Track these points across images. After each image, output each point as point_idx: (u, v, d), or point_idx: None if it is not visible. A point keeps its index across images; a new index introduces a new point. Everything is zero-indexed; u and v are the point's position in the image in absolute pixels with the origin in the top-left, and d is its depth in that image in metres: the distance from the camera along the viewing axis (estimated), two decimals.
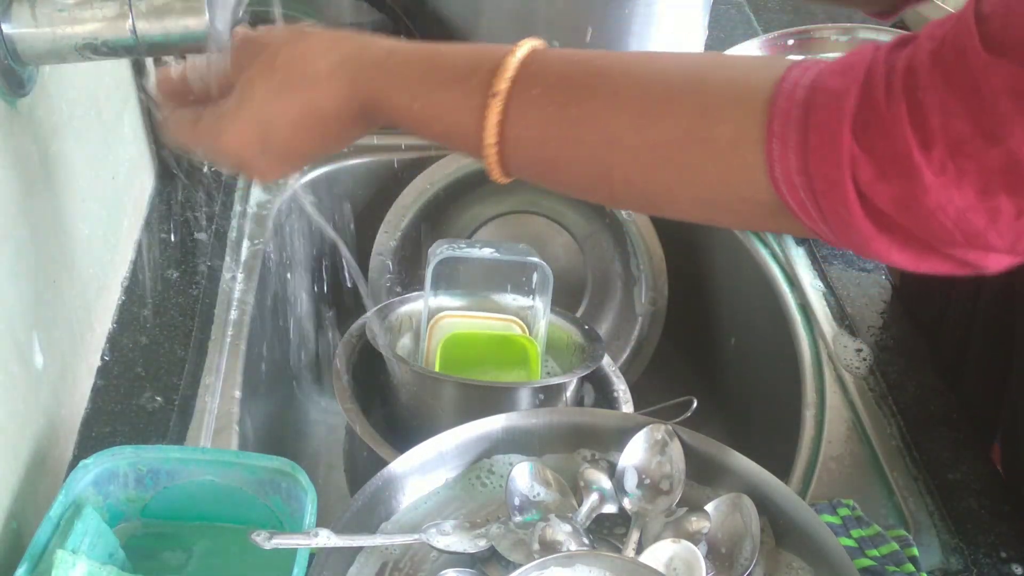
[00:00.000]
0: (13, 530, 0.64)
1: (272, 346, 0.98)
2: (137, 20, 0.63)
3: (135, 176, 0.97)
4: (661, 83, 0.50)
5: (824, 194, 0.44)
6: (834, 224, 0.45)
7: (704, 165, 0.48)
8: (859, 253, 0.47)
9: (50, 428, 0.71)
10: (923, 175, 0.41)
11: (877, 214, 0.43)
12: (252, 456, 0.67)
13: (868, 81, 0.43)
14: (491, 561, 0.64)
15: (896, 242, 0.44)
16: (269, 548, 0.57)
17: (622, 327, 1.15)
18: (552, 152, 0.53)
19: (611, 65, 0.52)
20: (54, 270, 0.73)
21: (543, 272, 0.93)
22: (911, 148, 0.41)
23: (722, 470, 0.68)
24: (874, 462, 0.80)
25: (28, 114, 0.69)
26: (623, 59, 0.53)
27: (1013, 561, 0.71)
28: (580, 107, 0.51)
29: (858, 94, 0.43)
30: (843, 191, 0.43)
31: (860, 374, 0.87)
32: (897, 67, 0.42)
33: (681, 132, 0.48)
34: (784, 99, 0.44)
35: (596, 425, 0.72)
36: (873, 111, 0.42)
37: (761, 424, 1.02)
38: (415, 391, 0.85)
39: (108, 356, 0.83)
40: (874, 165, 0.42)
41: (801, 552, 0.64)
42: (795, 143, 0.44)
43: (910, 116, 0.41)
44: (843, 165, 0.42)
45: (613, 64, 0.52)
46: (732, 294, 1.12)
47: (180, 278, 0.92)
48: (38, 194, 0.71)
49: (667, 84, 0.49)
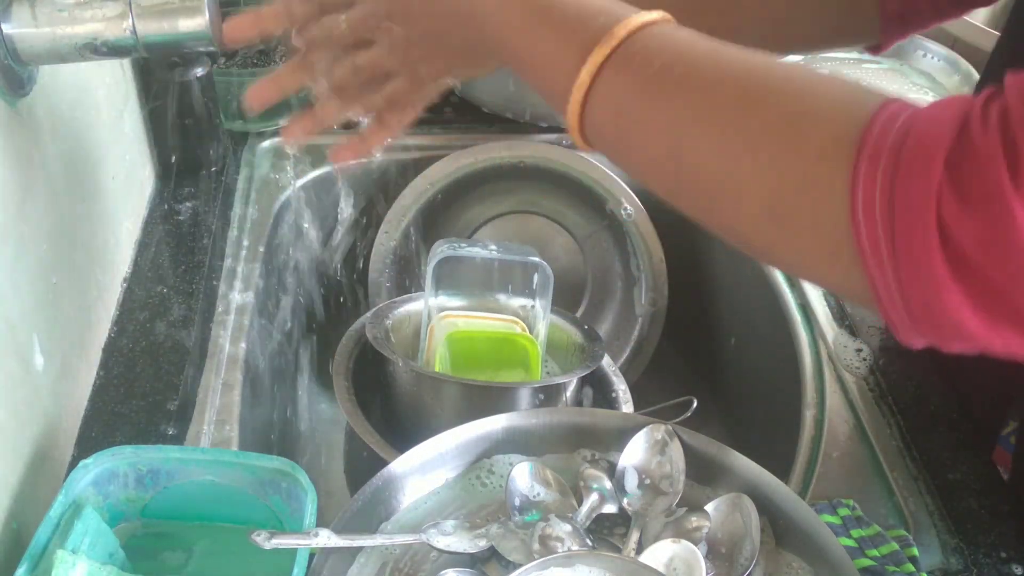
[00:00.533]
0: (13, 530, 0.64)
1: (272, 346, 0.98)
2: (137, 20, 0.63)
3: (135, 176, 0.97)
4: (757, 86, 0.48)
5: (903, 223, 0.41)
6: (905, 267, 0.41)
7: (784, 167, 0.45)
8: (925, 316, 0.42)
9: (50, 428, 0.71)
10: (1013, 209, 0.39)
11: (957, 255, 0.41)
12: (252, 456, 0.67)
13: (966, 117, 0.41)
14: (491, 561, 0.64)
15: (971, 295, 0.41)
16: (269, 548, 0.57)
17: (622, 327, 1.15)
18: (629, 130, 0.51)
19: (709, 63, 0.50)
20: (54, 270, 0.73)
21: (543, 272, 0.93)
22: (1003, 181, 0.39)
23: (722, 470, 0.68)
24: (874, 462, 0.80)
25: (28, 114, 0.69)
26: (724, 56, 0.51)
27: (1013, 561, 0.71)
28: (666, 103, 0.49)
29: (956, 128, 0.41)
30: (925, 222, 0.40)
31: (860, 374, 0.87)
32: (993, 106, 0.41)
33: (767, 132, 0.46)
34: (882, 124, 0.43)
35: (596, 425, 0.72)
36: (968, 145, 0.40)
37: (761, 424, 1.02)
38: (415, 391, 0.85)
39: (108, 356, 0.83)
40: (962, 198, 0.40)
41: (801, 552, 0.64)
42: (885, 166, 0.42)
43: (1004, 150, 0.39)
44: (931, 193, 0.40)
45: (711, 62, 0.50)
46: (732, 294, 1.12)
47: (180, 278, 0.92)
48: (38, 194, 0.71)
49: (763, 88, 0.47)
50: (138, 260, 0.93)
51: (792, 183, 0.45)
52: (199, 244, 0.96)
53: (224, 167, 1.07)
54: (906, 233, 0.41)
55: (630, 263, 1.12)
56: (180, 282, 0.92)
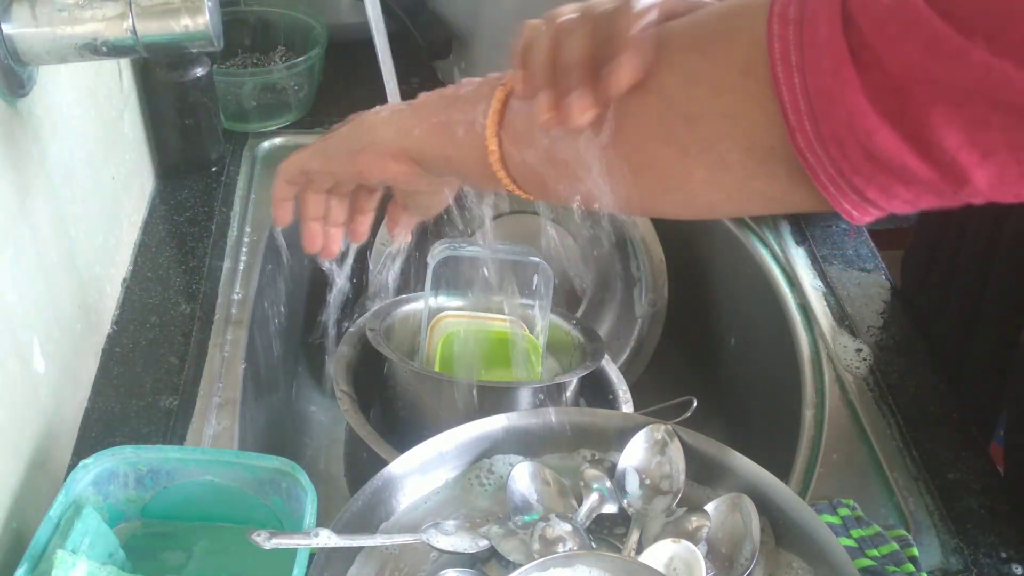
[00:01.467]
0: (13, 530, 0.64)
1: (272, 346, 0.98)
2: (137, 20, 0.63)
3: (135, 176, 0.98)
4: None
5: (811, 14, 0.40)
6: (809, 55, 0.40)
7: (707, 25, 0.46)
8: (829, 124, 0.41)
9: (50, 428, 0.71)
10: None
11: (858, 41, 0.39)
12: (252, 456, 0.67)
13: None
14: (491, 561, 0.64)
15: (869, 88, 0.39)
16: (269, 548, 0.57)
17: (622, 327, 1.15)
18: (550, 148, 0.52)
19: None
20: (54, 270, 0.73)
21: (544, 272, 0.93)
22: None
23: (722, 470, 0.68)
24: (874, 462, 0.80)
25: (28, 114, 0.69)
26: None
27: (1013, 561, 0.71)
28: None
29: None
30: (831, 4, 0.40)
31: (860, 374, 0.87)
32: None
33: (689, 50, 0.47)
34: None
35: (596, 425, 0.72)
36: None
37: (761, 424, 1.02)
38: (415, 391, 0.85)
39: (108, 356, 0.83)
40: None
41: (801, 552, 0.64)
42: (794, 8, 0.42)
43: None
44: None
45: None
46: (732, 294, 1.12)
47: (180, 278, 0.92)
48: (38, 194, 0.71)
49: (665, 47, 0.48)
50: (138, 260, 0.93)
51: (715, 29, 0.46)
52: (199, 244, 0.96)
53: (224, 167, 1.07)
54: (812, 19, 0.41)
55: (630, 263, 1.12)
56: (180, 282, 0.92)
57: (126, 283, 0.91)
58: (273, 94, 1.11)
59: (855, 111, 0.40)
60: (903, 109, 0.39)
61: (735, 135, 0.46)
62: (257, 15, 1.20)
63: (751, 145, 0.45)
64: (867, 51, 0.39)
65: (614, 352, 1.13)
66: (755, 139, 0.45)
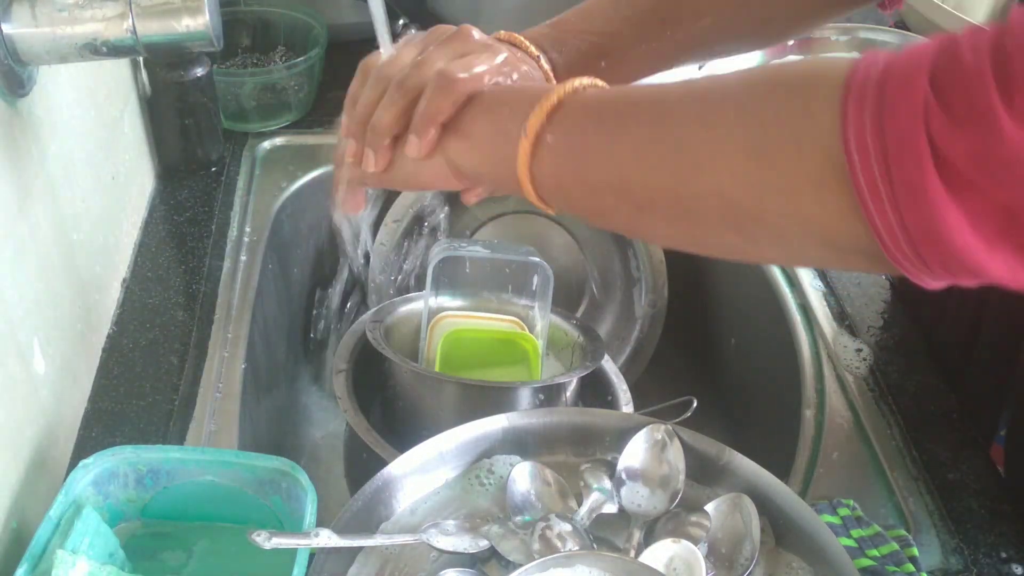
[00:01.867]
0: (13, 530, 0.64)
1: (272, 346, 0.98)
2: (137, 20, 0.63)
3: (135, 176, 0.98)
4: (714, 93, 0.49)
5: (895, 148, 0.40)
6: (901, 193, 0.40)
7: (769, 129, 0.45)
8: (927, 244, 0.41)
9: (50, 428, 0.71)
10: (1000, 121, 0.38)
11: (950, 172, 0.39)
12: (252, 456, 0.67)
13: (951, 43, 0.41)
14: (491, 561, 0.64)
15: (968, 213, 0.40)
16: (269, 548, 0.57)
17: (622, 328, 1.15)
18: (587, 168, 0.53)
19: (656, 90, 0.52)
20: (54, 270, 0.73)
21: (544, 272, 0.93)
22: (990, 94, 0.38)
23: (722, 470, 0.68)
24: (874, 462, 0.80)
25: (28, 114, 0.69)
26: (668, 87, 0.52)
27: (1013, 561, 0.71)
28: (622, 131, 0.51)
29: (938, 52, 0.41)
30: (916, 141, 0.40)
31: (860, 374, 0.87)
32: (982, 34, 0.40)
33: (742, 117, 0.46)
34: (863, 69, 0.42)
35: (596, 425, 0.72)
36: (954, 62, 0.40)
37: (761, 424, 1.02)
38: (415, 391, 0.85)
39: (108, 356, 0.83)
40: (949, 113, 0.39)
41: (801, 552, 0.64)
42: (872, 98, 0.41)
43: (993, 66, 0.39)
44: (918, 112, 0.40)
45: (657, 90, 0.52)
46: (732, 294, 1.12)
47: (180, 278, 0.92)
48: (38, 194, 0.71)
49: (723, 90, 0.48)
50: (138, 260, 0.93)
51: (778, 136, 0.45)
52: (199, 244, 0.96)
53: (224, 167, 1.07)
54: (898, 157, 0.40)
55: (630, 263, 1.12)
56: (180, 282, 0.92)
57: (126, 283, 0.91)
58: (273, 94, 1.11)
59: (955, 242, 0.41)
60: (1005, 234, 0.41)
61: (811, 233, 0.46)
62: (257, 15, 1.21)
63: (827, 241, 0.46)
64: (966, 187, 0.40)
65: (614, 352, 1.13)
66: (832, 238, 0.45)
